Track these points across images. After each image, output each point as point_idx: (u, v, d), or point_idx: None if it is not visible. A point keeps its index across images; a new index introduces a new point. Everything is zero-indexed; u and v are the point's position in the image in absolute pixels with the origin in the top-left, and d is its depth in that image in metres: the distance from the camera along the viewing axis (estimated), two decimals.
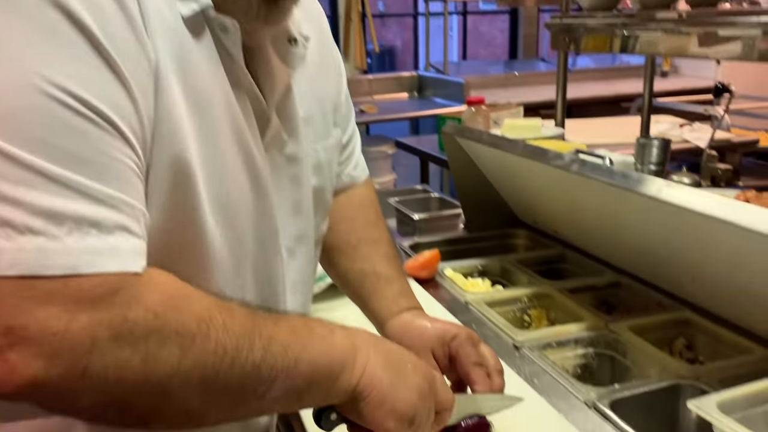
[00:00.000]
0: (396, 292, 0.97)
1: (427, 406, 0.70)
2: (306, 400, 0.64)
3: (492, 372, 0.87)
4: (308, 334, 0.63)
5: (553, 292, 1.39)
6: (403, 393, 0.67)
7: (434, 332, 0.90)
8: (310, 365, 0.61)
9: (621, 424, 0.92)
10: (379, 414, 0.65)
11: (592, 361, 1.21)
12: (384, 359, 0.67)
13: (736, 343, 1.16)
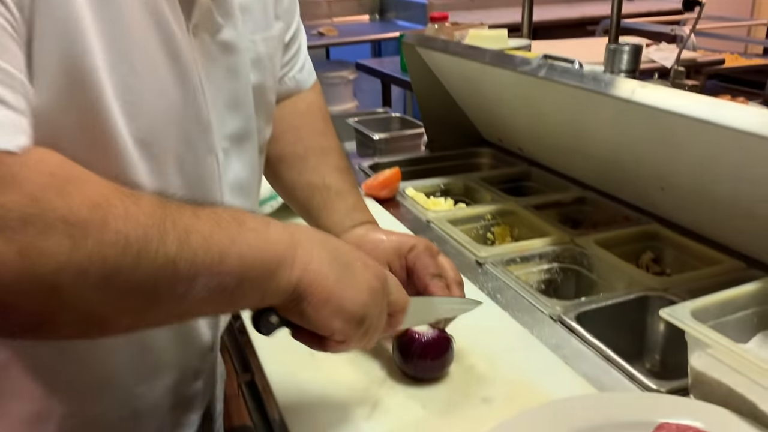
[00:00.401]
0: (348, 206, 0.89)
1: (378, 306, 0.64)
2: (239, 300, 0.56)
3: (451, 284, 0.81)
4: (237, 227, 0.54)
5: (517, 209, 1.33)
6: (351, 291, 0.60)
7: (390, 245, 0.83)
8: (239, 260, 0.53)
9: (587, 337, 0.88)
10: (324, 314, 0.59)
11: (557, 277, 1.17)
12: (329, 255, 0.60)
13: (705, 254, 1.12)
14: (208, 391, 0.83)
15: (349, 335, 0.61)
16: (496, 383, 0.79)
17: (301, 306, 0.58)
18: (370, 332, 0.64)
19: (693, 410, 0.69)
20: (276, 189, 0.97)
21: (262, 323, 0.62)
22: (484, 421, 0.72)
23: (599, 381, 0.80)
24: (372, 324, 0.63)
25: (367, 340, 0.65)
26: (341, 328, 0.60)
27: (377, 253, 0.83)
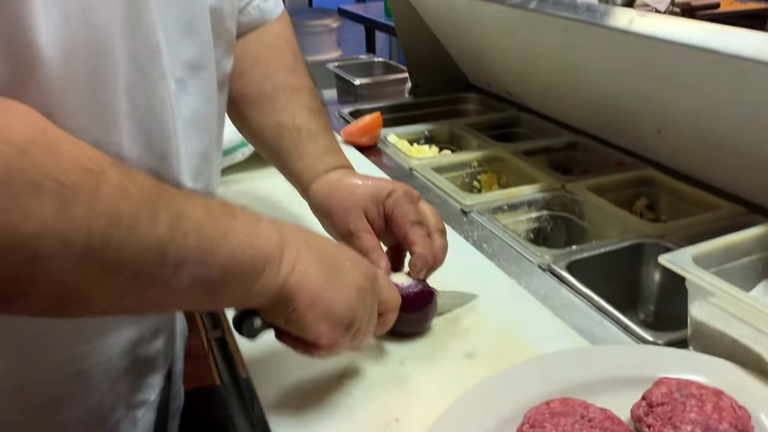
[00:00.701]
0: (321, 149, 0.82)
1: (368, 307, 0.59)
2: (221, 297, 0.52)
3: (433, 231, 0.75)
4: (230, 219, 0.51)
5: (505, 155, 1.26)
6: (339, 293, 0.56)
7: (366, 190, 0.76)
8: (229, 254, 0.49)
9: (579, 287, 0.82)
10: (311, 319, 0.55)
11: (546, 225, 1.11)
12: (317, 255, 0.56)
13: (702, 200, 1.06)
14: (169, 351, 0.76)
15: (337, 340, 0.57)
16: (481, 337, 0.73)
17: (287, 309, 0.54)
18: (360, 335, 0.59)
19: (694, 363, 0.64)
20: (243, 132, 0.89)
21: (245, 326, 0.57)
22: (468, 377, 0.66)
23: (591, 333, 0.75)
24: (361, 327, 0.59)
25: (357, 343, 0.60)
26: (329, 332, 0.56)
27: (353, 199, 0.76)
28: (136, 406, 0.73)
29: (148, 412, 0.74)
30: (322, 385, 0.67)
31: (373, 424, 0.62)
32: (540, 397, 0.60)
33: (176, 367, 0.81)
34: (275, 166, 0.86)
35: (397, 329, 0.73)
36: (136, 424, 0.73)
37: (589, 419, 0.55)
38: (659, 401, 0.57)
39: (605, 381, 0.62)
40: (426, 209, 0.77)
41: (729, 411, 0.55)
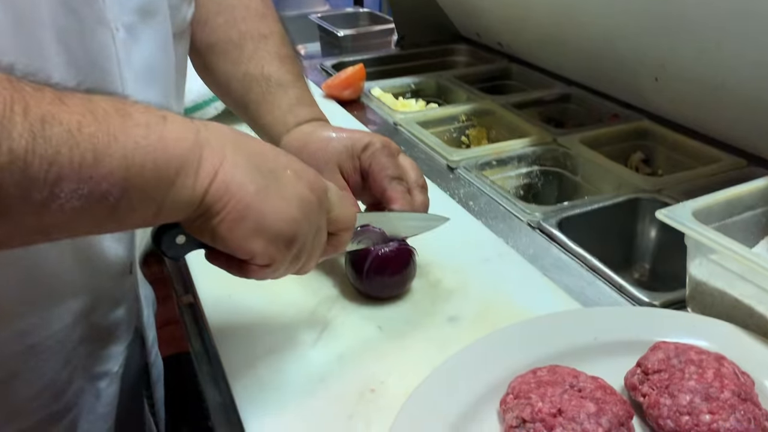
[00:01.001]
0: (292, 100, 0.75)
1: (313, 223, 0.52)
2: (126, 215, 0.43)
3: (413, 187, 0.69)
4: (119, 119, 0.41)
5: (495, 108, 1.19)
6: (275, 204, 0.48)
7: (341, 143, 0.70)
8: (122, 163, 0.41)
9: (570, 245, 0.77)
10: (240, 233, 0.47)
11: (537, 181, 1.05)
12: (247, 159, 0.48)
13: (701, 152, 1.01)
14: (133, 320, 0.71)
15: (275, 259, 0.50)
16: (465, 300, 0.68)
17: (211, 223, 0.47)
18: (304, 255, 0.52)
19: (693, 326, 0.59)
20: (209, 85, 0.83)
21: (166, 242, 0.50)
22: (449, 343, 0.62)
23: (583, 294, 0.70)
24: (305, 245, 0.52)
25: (302, 265, 0.53)
26: (263, 250, 0.49)
27: (326, 153, 0.70)
28: (97, 378, 0.68)
29: (112, 383, 0.69)
30: (292, 354, 0.62)
31: (347, 394, 0.57)
32: (526, 365, 0.55)
33: (148, 334, 0.76)
34: (244, 120, 0.79)
35: (375, 293, 0.69)
36: (98, 397, 0.68)
37: (579, 389, 0.51)
38: (655, 368, 0.53)
39: (597, 346, 0.58)
40: (406, 163, 0.71)
41: (731, 378, 0.51)
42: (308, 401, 0.57)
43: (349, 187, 0.70)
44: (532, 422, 0.49)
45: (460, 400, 0.53)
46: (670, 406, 0.50)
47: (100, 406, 0.68)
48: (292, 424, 0.55)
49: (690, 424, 0.49)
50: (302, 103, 0.76)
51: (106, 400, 0.69)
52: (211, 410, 0.67)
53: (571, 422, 0.48)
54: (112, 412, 0.69)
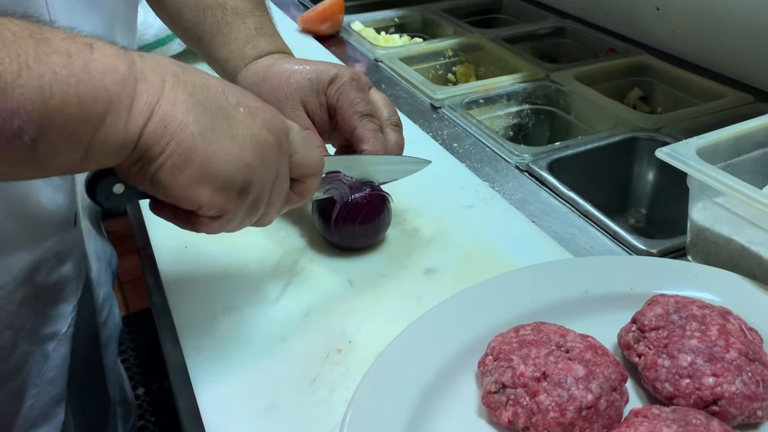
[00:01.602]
0: (250, 30, 0.67)
1: (272, 168, 0.45)
2: (47, 158, 0.37)
3: (385, 125, 0.62)
4: (33, 44, 0.35)
5: (484, 43, 1.11)
6: (224, 147, 0.42)
7: (304, 76, 0.63)
8: (38, 95, 0.35)
9: (560, 189, 0.71)
10: (183, 180, 0.41)
11: (527, 121, 0.98)
12: (191, 96, 0.41)
13: (704, 88, 0.93)
14: (82, 277, 0.65)
15: (226, 209, 0.44)
16: (445, 250, 0.62)
17: (150, 169, 0.40)
18: (262, 205, 0.46)
19: (695, 277, 0.53)
20: (159, 14, 0.74)
21: (101, 192, 0.43)
22: (427, 297, 0.56)
23: (574, 242, 0.64)
24: (262, 194, 0.45)
25: (261, 216, 0.48)
26: (211, 199, 0.42)
27: (287, 88, 0.63)
28: (44, 340, 0.62)
29: (61, 345, 0.63)
30: (253, 311, 0.56)
31: (310, 356, 0.51)
32: (508, 322, 0.49)
33: (98, 293, 0.70)
34: (199, 54, 0.72)
35: (345, 244, 0.62)
36: (47, 359, 0.63)
37: (566, 349, 0.45)
38: (653, 325, 0.47)
39: (588, 301, 0.52)
40: (378, 99, 0.64)
41: (738, 335, 0.45)
42: (267, 363, 0.51)
43: (315, 127, 0.63)
44: (513, 387, 0.43)
45: (433, 362, 0.47)
46: (669, 367, 0.44)
47: (50, 369, 0.63)
48: (246, 388, 0.49)
49: (691, 388, 0.43)
50: (262, 34, 0.68)
51: (56, 363, 0.63)
52: (169, 369, 0.61)
53: (557, 387, 0.42)
54: (63, 375, 0.64)
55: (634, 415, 0.42)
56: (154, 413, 1.50)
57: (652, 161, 0.81)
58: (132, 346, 1.68)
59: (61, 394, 0.64)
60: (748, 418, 0.43)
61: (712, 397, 0.43)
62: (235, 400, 0.48)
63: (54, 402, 0.63)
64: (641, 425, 0.40)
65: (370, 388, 0.45)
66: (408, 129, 0.85)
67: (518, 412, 0.43)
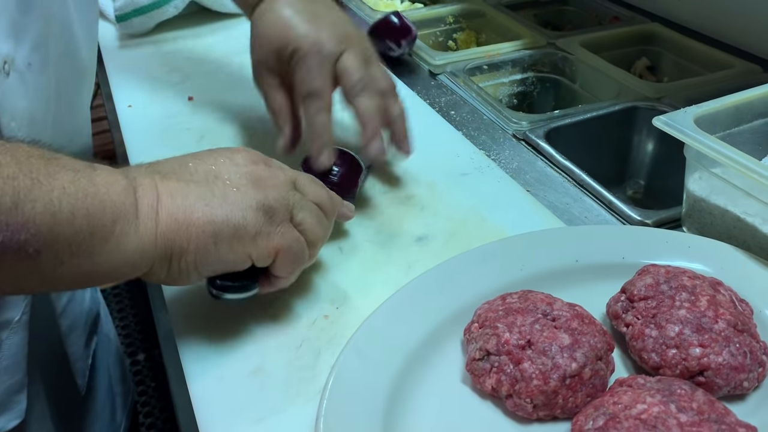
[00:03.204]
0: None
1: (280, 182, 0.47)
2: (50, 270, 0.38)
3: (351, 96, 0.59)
4: (44, 162, 0.37)
5: (486, 9, 1.09)
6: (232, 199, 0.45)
7: (270, 43, 0.60)
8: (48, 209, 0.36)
9: (557, 158, 0.69)
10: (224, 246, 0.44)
11: (532, 89, 0.96)
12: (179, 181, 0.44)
13: (712, 58, 0.91)
14: None
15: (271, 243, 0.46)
16: (437, 218, 0.62)
17: (184, 261, 0.43)
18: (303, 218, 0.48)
19: (688, 247, 0.52)
20: None
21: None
22: (416, 265, 0.55)
23: (568, 212, 0.63)
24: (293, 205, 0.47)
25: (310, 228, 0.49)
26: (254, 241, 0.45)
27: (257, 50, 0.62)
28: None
29: (14, 333, 0.59)
30: None
31: (297, 322, 0.51)
32: (496, 290, 0.49)
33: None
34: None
35: None
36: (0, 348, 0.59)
37: (552, 318, 0.45)
38: (642, 295, 0.46)
39: (578, 270, 0.51)
40: (346, 65, 0.59)
41: (728, 306, 0.44)
42: (253, 329, 0.51)
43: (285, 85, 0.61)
44: (497, 355, 0.43)
45: (419, 329, 0.47)
46: (656, 337, 0.44)
47: (4, 358, 0.59)
48: (232, 352, 0.49)
49: (677, 359, 0.43)
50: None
51: (10, 352, 0.59)
52: (159, 336, 0.61)
53: (542, 356, 0.42)
54: (20, 363, 0.60)
55: (619, 385, 0.42)
56: (154, 378, 1.52)
57: (652, 131, 0.79)
58: (133, 312, 1.69)
59: (20, 383, 0.60)
60: (735, 389, 0.42)
61: (698, 367, 0.42)
62: (221, 365, 0.48)
63: (13, 391, 0.60)
64: (625, 394, 0.40)
65: (353, 353, 0.44)
66: (405, 96, 0.83)
67: (502, 380, 0.42)
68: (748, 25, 0.90)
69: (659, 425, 0.36)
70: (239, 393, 0.46)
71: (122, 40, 0.98)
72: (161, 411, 1.47)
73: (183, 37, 0.97)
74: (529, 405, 0.41)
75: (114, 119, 0.80)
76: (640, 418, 0.37)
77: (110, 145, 0.81)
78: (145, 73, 0.89)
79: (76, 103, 0.64)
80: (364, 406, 0.41)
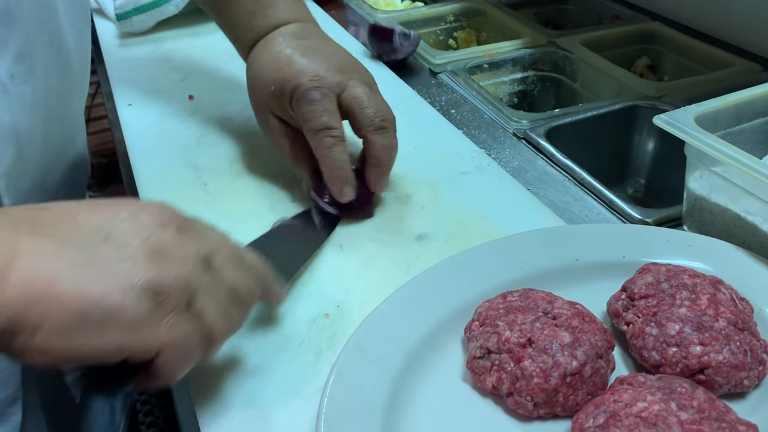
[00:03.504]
0: (249, 5, 0.63)
1: (187, 258, 0.37)
2: None
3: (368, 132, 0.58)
4: None
5: (486, 8, 1.09)
6: (116, 271, 0.34)
7: (267, 88, 0.60)
8: None
9: (557, 157, 0.69)
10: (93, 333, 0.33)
11: (533, 88, 0.96)
12: (52, 238, 0.34)
13: (713, 57, 0.91)
14: None
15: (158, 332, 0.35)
16: (437, 217, 0.62)
17: (36, 340, 0.32)
18: (205, 306, 0.37)
19: (688, 245, 0.53)
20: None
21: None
22: (416, 263, 0.55)
23: (568, 211, 0.63)
24: (194, 292, 0.37)
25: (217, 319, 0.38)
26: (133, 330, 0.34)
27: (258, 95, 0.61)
28: None
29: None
30: None
31: (297, 319, 0.51)
32: (497, 289, 0.49)
33: None
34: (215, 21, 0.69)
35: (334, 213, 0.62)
36: None
37: (553, 316, 0.45)
38: (642, 293, 0.46)
39: (578, 268, 0.51)
40: (355, 99, 0.58)
41: (728, 305, 0.44)
42: (253, 327, 0.51)
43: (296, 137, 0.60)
44: (498, 353, 0.43)
45: (420, 326, 0.47)
46: (657, 336, 0.44)
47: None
48: (232, 350, 0.49)
49: (678, 357, 0.43)
50: (261, 6, 0.63)
51: (4, 364, 0.58)
52: None
53: (542, 354, 0.42)
54: (14, 375, 0.59)
55: (620, 383, 0.42)
56: None
57: (653, 130, 0.79)
58: None
59: (14, 394, 0.59)
60: (735, 387, 0.42)
61: (698, 365, 0.42)
62: (221, 363, 0.48)
63: (7, 403, 0.58)
64: (625, 392, 0.40)
65: (354, 351, 0.45)
66: (405, 95, 0.84)
67: (502, 378, 0.42)
68: (748, 24, 0.90)
69: (660, 423, 0.36)
70: (240, 391, 0.46)
71: (122, 38, 0.99)
72: (161, 410, 1.47)
73: (183, 36, 0.97)
74: (530, 403, 0.41)
75: (114, 118, 0.80)
76: (641, 416, 0.37)
77: (110, 143, 0.81)
78: (146, 72, 0.89)
79: (67, 112, 0.62)
80: (364, 404, 0.41)
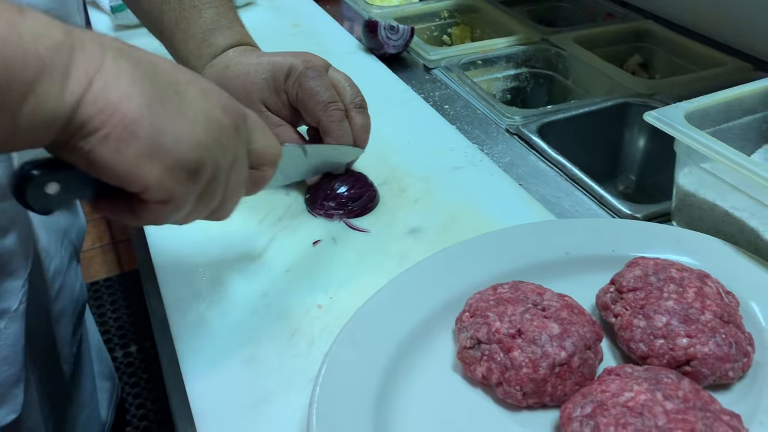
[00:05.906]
0: (207, 24, 0.64)
1: (229, 152, 0.41)
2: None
3: (349, 109, 0.61)
4: None
5: (480, 4, 1.09)
6: (175, 123, 0.37)
7: (259, 77, 0.61)
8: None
9: (549, 153, 0.70)
10: (130, 155, 0.36)
11: (526, 85, 0.97)
12: (136, 67, 0.37)
13: (705, 56, 0.92)
14: (30, 249, 0.61)
15: (176, 193, 0.38)
16: (430, 211, 0.62)
17: (88, 143, 0.35)
18: (218, 193, 0.41)
19: (676, 240, 0.53)
20: (133, 11, 0.72)
21: (31, 192, 0.37)
22: (409, 255, 0.56)
23: (559, 206, 0.64)
24: (217, 179, 0.41)
25: (218, 206, 0.43)
26: (159, 179, 0.37)
27: (245, 91, 0.61)
28: None
29: (12, 322, 0.58)
30: (235, 267, 0.56)
31: (290, 311, 0.52)
32: (487, 281, 0.49)
33: (48, 265, 0.66)
34: (167, 49, 0.69)
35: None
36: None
37: (543, 308, 0.45)
38: (631, 286, 0.47)
39: (568, 262, 0.52)
40: (339, 79, 0.62)
41: (714, 298, 0.45)
42: (248, 317, 0.51)
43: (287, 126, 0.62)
44: (488, 343, 0.44)
45: (411, 318, 0.47)
46: (644, 328, 0.45)
47: (2, 348, 0.58)
48: (226, 341, 0.49)
49: (664, 349, 0.43)
50: (218, 27, 0.65)
51: (8, 342, 0.58)
52: (153, 325, 0.62)
53: (531, 344, 0.43)
54: (18, 354, 0.59)
55: (607, 374, 0.42)
56: (146, 370, 1.52)
57: (644, 127, 0.80)
58: (125, 304, 1.69)
59: (18, 374, 0.59)
60: (720, 378, 0.43)
61: (685, 357, 0.43)
62: (214, 353, 0.49)
63: (11, 383, 0.58)
64: (613, 383, 0.40)
65: (347, 341, 0.45)
66: (399, 90, 0.84)
67: (492, 368, 0.43)
68: (740, 24, 0.91)
69: (645, 412, 0.37)
70: (233, 381, 0.46)
71: (117, 31, 0.98)
72: (153, 402, 1.47)
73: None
74: (519, 393, 0.42)
75: None
76: (627, 405, 0.38)
77: None
78: None
79: None
80: (356, 393, 0.42)
